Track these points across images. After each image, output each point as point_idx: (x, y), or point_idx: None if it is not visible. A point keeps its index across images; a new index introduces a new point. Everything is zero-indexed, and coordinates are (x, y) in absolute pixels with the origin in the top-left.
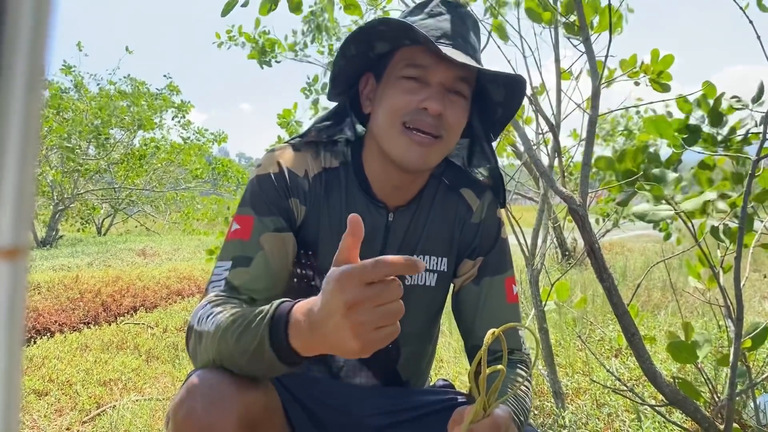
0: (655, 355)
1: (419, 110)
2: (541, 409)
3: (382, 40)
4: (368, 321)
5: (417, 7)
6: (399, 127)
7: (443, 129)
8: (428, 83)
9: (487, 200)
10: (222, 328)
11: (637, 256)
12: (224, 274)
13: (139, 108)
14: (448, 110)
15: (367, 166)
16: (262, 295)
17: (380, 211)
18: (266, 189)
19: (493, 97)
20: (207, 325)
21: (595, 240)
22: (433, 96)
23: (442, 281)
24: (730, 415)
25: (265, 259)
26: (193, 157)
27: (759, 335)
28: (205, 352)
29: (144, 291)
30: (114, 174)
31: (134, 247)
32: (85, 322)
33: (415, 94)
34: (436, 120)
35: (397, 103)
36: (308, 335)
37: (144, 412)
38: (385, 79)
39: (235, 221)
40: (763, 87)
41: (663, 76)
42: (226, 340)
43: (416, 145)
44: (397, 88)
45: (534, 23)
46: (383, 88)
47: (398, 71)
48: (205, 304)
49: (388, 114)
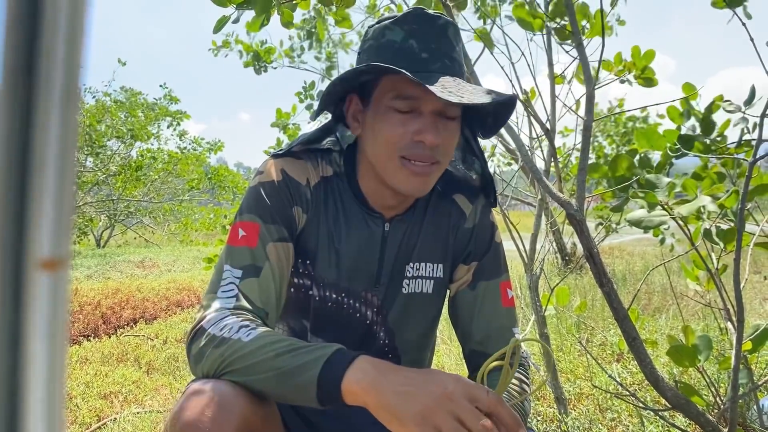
0: (656, 359)
1: (415, 143)
2: (543, 415)
3: (367, 74)
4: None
5: (394, 23)
6: (397, 160)
7: (440, 155)
8: (420, 112)
9: (480, 205)
10: (262, 343)
11: (637, 259)
12: (236, 282)
13: (135, 119)
14: (443, 136)
15: (361, 180)
16: (274, 309)
17: (376, 221)
18: (271, 196)
19: (485, 108)
20: (239, 335)
21: (594, 245)
22: (427, 128)
23: (438, 288)
24: (733, 418)
25: (272, 270)
26: (191, 166)
27: (760, 337)
28: (222, 358)
29: (143, 302)
30: (112, 185)
31: (133, 259)
32: (84, 335)
33: (408, 125)
34: (433, 150)
35: (392, 137)
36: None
37: (145, 424)
38: (374, 105)
39: (240, 227)
40: (754, 90)
41: (647, 72)
42: (265, 353)
43: (415, 176)
44: (388, 121)
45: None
46: (373, 115)
47: (387, 101)
48: (227, 314)
49: (384, 147)
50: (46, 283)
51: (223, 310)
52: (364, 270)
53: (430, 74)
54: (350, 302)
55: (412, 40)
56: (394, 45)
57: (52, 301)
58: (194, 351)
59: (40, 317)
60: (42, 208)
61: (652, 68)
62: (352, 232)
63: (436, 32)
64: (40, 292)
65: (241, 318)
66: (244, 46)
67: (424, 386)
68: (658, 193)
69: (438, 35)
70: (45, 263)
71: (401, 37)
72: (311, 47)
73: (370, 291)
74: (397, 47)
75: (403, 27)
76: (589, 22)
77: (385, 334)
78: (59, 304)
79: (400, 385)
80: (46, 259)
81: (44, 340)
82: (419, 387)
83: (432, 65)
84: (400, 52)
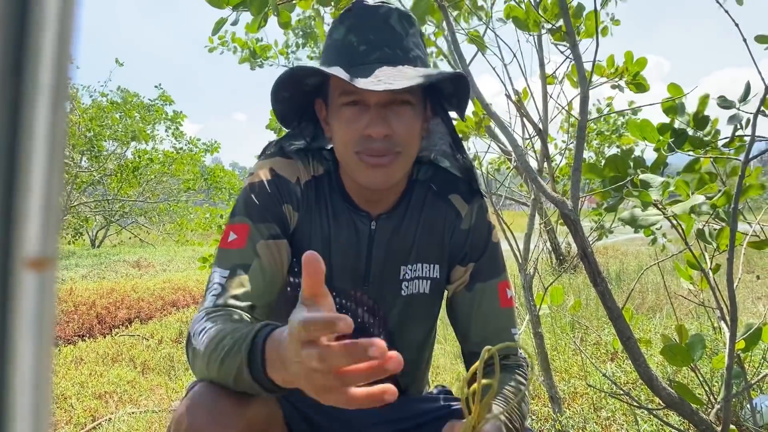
0: (650, 358)
1: (365, 138)
2: (538, 415)
3: (308, 76)
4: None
5: (339, 21)
6: (353, 157)
7: (397, 145)
8: (367, 105)
9: (476, 205)
10: (209, 351)
11: (631, 259)
12: (222, 282)
13: (131, 120)
14: (395, 125)
15: (344, 178)
16: (261, 301)
17: (363, 219)
18: (260, 196)
19: (444, 89)
20: (199, 342)
21: (588, 244)
22: (373, 121)
23: (435, 288)
24: (726, 416)
25: (262, 267)
26: (186, 167)
27: (753, 336)
28: (199, 369)
29: (139, 302)
30: (107, 186)
31: (128, 259)
32: (79, 335)
33: (357, 121)
34: (386, 141)
35: (344, 136)
36: (283, 371)
37: (140, 424)
38: (330, 106)
39: (230, 230)
40: (749, 87)
41: (638, 78)
42: (211, 364)
43: (373, 169)
44: (340, 119)
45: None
46: (330, 117)
47: (336, 99)
48: (202, 315)
49: (341, 147)
50: (33, 283)
51: (202, 311)
52: (352, 268)
53: (367, 66)
54: (342, 301)
55: (351, 35)
56: (336, 43)
57: (40, 301)
58: (189, 357)
59: (27, 317)
60: (29, 207)
61: (643, 75)
62: (341, 230)
63: (376, 22)
64: (27, 291)
65: (207, 318)
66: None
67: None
68: (652, 193)
69: (378, 25)
70: (32, 262)
71: (342, 34)
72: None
73: (359, 290)
74: (339, 44)
75: (345, 23)
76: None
77: (385, 336)
78: (47, 304)
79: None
80: (34, 258)
81: (31, 340)
82: (292, 368)
83: (370, 56)
84: (342, 49)
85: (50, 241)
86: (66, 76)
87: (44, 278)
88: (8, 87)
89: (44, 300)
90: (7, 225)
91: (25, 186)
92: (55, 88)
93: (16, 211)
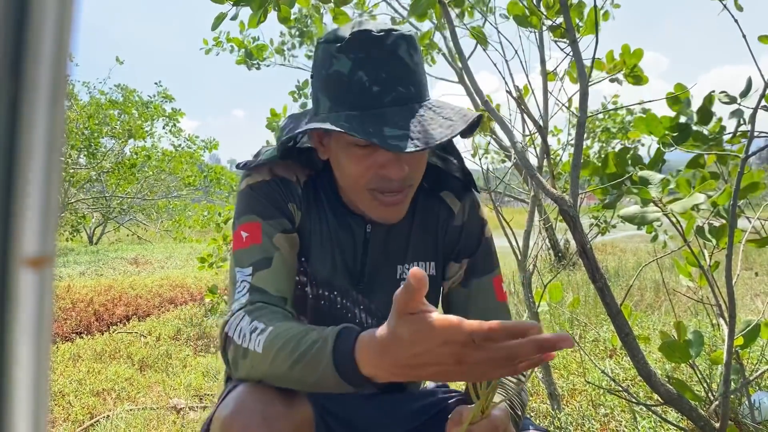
0: (649, 355)
1: (381, 177)
2: (537, 412)
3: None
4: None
5: (339, 51)
6: (365, 193)
7: (411, 179)
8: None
9: (468, 202)
10: (272, 355)
11: (630, 256)
12: (248, 279)
13: (130, 117)
14: (411, 164)
15: (340, 188)
16: (289, 293)
17: (358, 222)
18: (266, 194)
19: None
20: (253, 344)
21: (587, 241)
22: (391, 162)
23: (432, 285)
24: (725, 413)
25: (283, 258)
26: (185, 164)
27: (751, 333)
28: (254, 371)
29: (137, 300)
30: (105, 183)
31: (126, 256)
32: (77, 332)
33: (370, 158)
34: (402, 180)
35: (356, 173)
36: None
37: (138, 421)
38: (335, 136)
39: (242, 230)
40: (751, 82)
41: (636, 70)
42: (279, 367)
43: (388, 206)
44: (350, 157)
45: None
46: (335, 145)
47: (347, 137)
48: (242, 315)
49: (350, 181)
50: (31, 281)
51: (238, 311)
52: (348, 268)
53: (383, 110)
54: (342, 301)
55: (360, 71)
56: (342, 78)
57: (38, 299)
58: (230, 359)
59: (25, 315)
60: (28, 205)
61: (640, 66)
62: (338, 230)
63: (386, 56)
64: (26, 289)
65: (252, 317)
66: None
67: (424, 351)
68: (652, 189)
69: (388, 59)
70: (30, 261)
71: (348, 69)
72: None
73: (354, 289)
74: (346, 81)
75: (349, 56)
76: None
77: None
78: (44, 302)
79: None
80: (32, 256)
81: (29, 338)
82: (421, 355)
83: (385, 98)
84: (349, 88)
85: (48, 239)
86: (64, 74)
87: (42, 276)
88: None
89: (42, 298)
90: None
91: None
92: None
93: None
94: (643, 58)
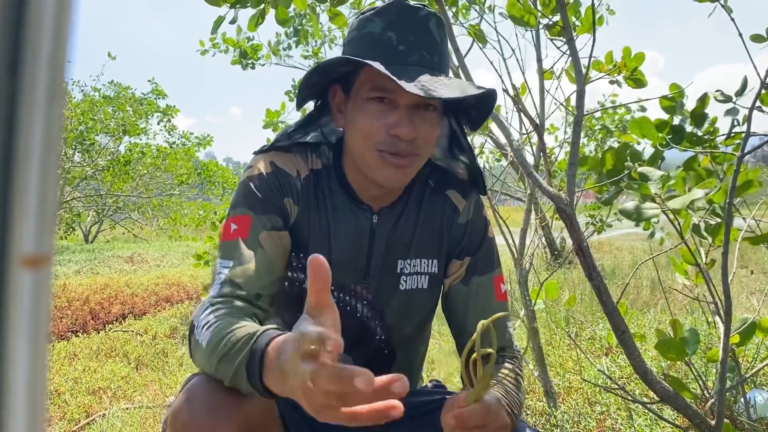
0: (645, 353)
1: (392, 137)
2: (533, 409)
3: (342, 65)
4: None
5: (375, 14)
6: (374, 153)
7: (419, 148)
8: (396, 104)
9: (473, 200)
10: (210, 347)
11: (626, 254)
12: (225, 272)
13: (124, 113)
14: (421, 128)
15: (348, 172)
16: (266, 290)
17: (365, 213)
18: (261, 188)
19: (467, 100)
20: (202, 336)
21: (584, 239)
22: (403, 121)
23: (433, 283)
24: (720, 410)
25: (266, 256)
26: (180, 161)
27: (747, 330)
28: (200, 362)
29: (132, 298)
30: (100, 180)
31: (122, 254)
32: (73, 331)
33: (384, 117)
34: (410, 143)
35: (368, 129)
36: (281, 382)
37: (134, 420)
38: (354, 97)
39: (232, 222)
40: (746, 80)
41: (636, 73)
42: (212, 360)
43: (394, 169)
44: (365, 112)
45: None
46: (352, 107)
47: (365, 92)
48: (206, 306)
49: (361, 139)
50: (28, 281)
51: (206, 301)
52: (353, 263)
53: (405, 67)
54: (341, 296)
55: (390, 31)
56: (373, 36)
57: (35, 299)
58: (191, 349)
59: (23, 315)
60: (25, 204)
61: (641, 70)
62: (341, 224)
63: (417, 24)
64: (23, 289)
65: (210, 310)
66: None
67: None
68: (651, 186)
69: (418, 27)
70: (28, 260)
71: (380, 29)
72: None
73: (359, 284)
74: (376, 38)
75: (383, 18)
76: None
77: (383, 330)
78: (42, 302)
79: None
80: (29, 256)
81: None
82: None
83: (409, 57)
84: (378, 44)
85: (46, 239)
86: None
87: (40, 276)
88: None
89: (40, 297)
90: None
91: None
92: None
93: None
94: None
